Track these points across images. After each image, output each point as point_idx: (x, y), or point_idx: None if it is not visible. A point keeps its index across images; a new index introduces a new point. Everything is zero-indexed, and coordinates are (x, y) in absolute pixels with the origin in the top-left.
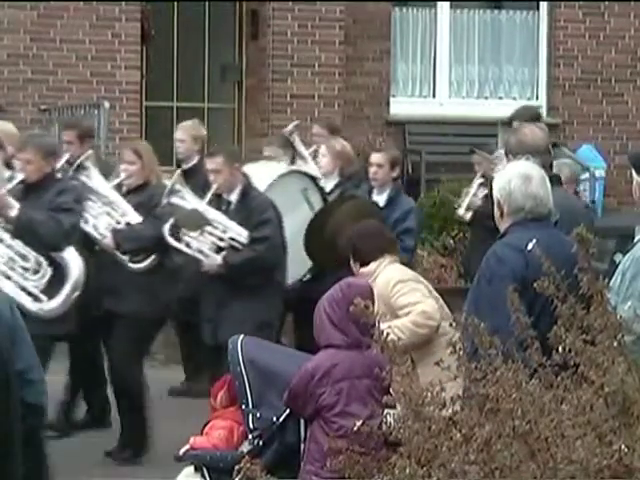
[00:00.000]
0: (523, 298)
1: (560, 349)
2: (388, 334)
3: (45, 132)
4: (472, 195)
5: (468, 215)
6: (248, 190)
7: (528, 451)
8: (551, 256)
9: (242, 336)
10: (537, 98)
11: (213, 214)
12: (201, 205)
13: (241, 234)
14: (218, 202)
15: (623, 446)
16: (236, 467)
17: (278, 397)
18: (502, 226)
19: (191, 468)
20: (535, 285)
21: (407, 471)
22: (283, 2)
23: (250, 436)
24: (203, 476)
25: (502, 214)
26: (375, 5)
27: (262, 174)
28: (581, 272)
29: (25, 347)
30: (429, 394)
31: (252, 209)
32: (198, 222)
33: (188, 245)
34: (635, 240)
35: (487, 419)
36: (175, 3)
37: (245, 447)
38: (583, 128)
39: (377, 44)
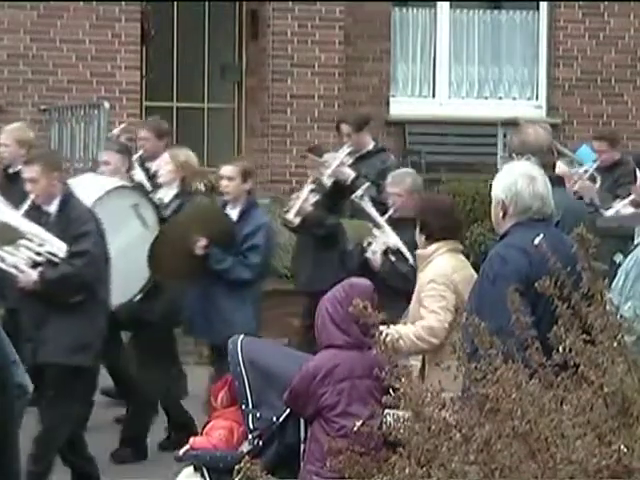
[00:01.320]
0: (526, 298)
1: (560, 349)
2: (387, 335)
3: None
4: (303, 200)
5: (297, 220)
6: (68, 200)
7: (528, 451)
8: (554, 256)
9: (242, 336)
10: (537, 98)
11: (28, 226)
12: (16, 217)
13: (60, 248)
14: (38, 213)
15: (622, 446)
16: (236, 467)
17: (278, 397)
18: (503, 227)
19: (191, 468)
20: (536, 285)
21: (407, 471)
22: (283, 2)
23: (250, 436)
24: (203, 476)
25: (505, 215)
26: (375, 5)
27: (89, 189)
28: (581, 272)
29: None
30: (429, 394)
31: (71, 221)
32: (10, 235)
33: (3, 260)
34: (637, 241)
35: (487, 419)
36: (175, 3)
37: (245, 447)
38: (583, 128)
39: (377, 44)
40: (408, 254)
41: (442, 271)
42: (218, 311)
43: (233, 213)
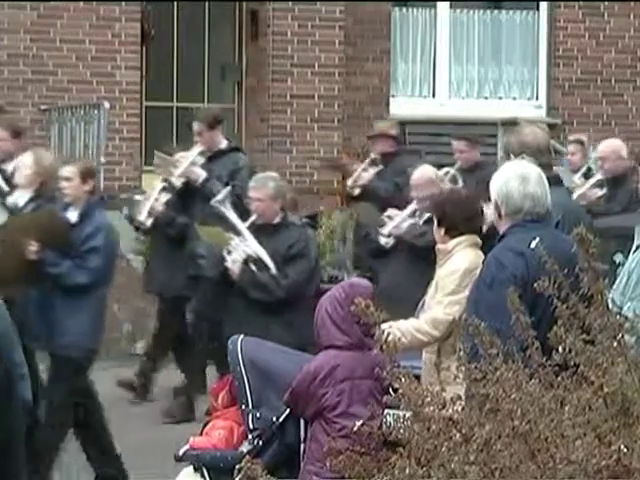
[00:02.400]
0: (524, 301)
1: (560, 349)
2: (389, 334)
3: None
4: (154, 200)
5: (149, 222)
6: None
7: (528, 451)
8: (552, 256)
9: (242, 336)
10: (537, 98)
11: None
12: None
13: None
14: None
15: (622, 446)
16: (236, 467)
17: (278, 397)
18: (500, 228)
19: (191, 468)
20: (535, 285)
21: (407, 471)
22: (283, 2)
23: (250, 436)
24: (203, 476)
25: (500, 216)
26: (375, 5)
27: None
28: (582, 272)
29: (17, 345)
30: (429, 394)
31: None
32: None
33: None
34: (638, 241)
35: (487, 419)
36: (175, 3)
37: (245, 447)
38: (583, 128)
39: (377, 44)
40: (270, 263)
41: (461, 266)
42: (55, 319)
43: (73, 215)
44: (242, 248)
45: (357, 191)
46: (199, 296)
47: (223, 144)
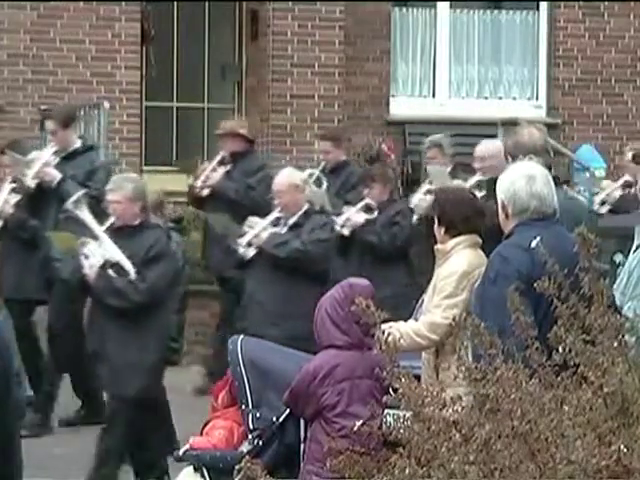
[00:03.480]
0: (529, 297)
1: (560, 349)
2: (389, 334)
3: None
4: (3, 201)
5: None
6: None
7: (528, 451)
8: (556, 254)
9: (242, 336)
10: (537, 98)
11: None
12: None
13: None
14: None
15: (622, 446)
16: (236, 467)
17: (278, 397)
18: (507, 227)
19: (191, 468)
20: (535, 285)
21: (407, 471)
22: (283, 2)
23: (250, 436)
24: (203, 476)
25: (507, 215)
26: (375, 5)
27: None
28: (582, 272)
29: (15, 352)
30: (429, 394)
31: None
32: None
33: None
34: (638, 241)
35: (487, 419)
36: (175, 3)
37: (245, 447)
38: (583, 128)
39: (377, 44)
40: (129, 267)
41: (459, 268)
42: None
43: None
44: (99, 252)
45: (206, 192)
46: (54, 301)
47: (77, 143)
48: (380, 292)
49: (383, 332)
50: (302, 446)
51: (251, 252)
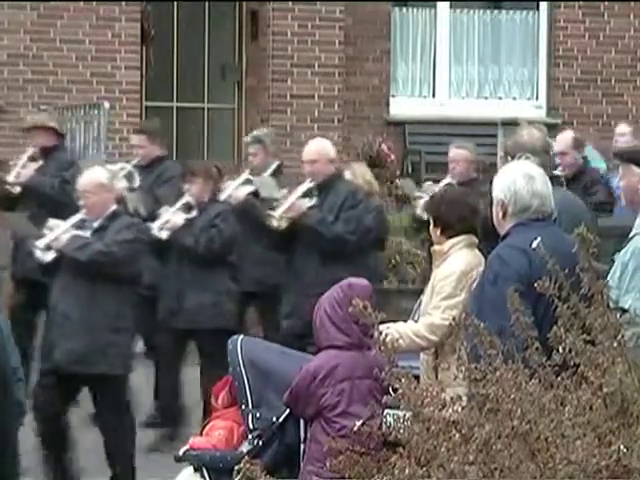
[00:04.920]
0: (527, 298)
1: (560, 349)
2: (387, 335)
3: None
4: None
5: None
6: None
7: (528, 451)
8: (555, 255)
9: (242, 336)
10: (537, 98)
11: None
12: None
13: None
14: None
15: (622, 446)
16: (236, 467)
17: (278, 397)
18: (504, 227)
19: (191, 468)
20: (535, 285)
21: (407, 471)
22: (283, 2)
23: (250, 436)
24: (203, 476)
25: (505, 215)
26: (375, 5)
27: None
28: (582, 272)
29: (14, 348)
30: (428, 395)
31: None
32: None
33: None
34: (633, 232)
35: (487, 419)
36: (175, 3)
37: (245, 447)
38: (583, 128)
39: (377, 44)
40: None
41: (457, 268)
42: None
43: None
44: None
45: (18, 189)
46: None
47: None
48: (198, 298)
49: (380, 333)
50: (302, 446)
51: (49, 256)
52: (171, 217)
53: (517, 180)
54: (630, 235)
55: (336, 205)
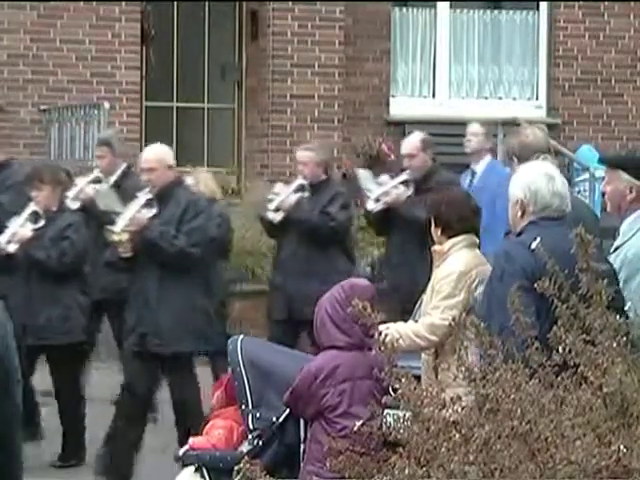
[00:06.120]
0: (533, 295)
1: (560, 349)
2: (387, 335)
3: None
4: None
5: None
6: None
7: (527, 451)
8: (564, 254)
9: (242, 336)
10: (537, 98)
11: None
12: None
13: None
14: None
15: (622, 446)
16: (236, 467)
17: (278, 397)
18: (519, 226)
19: (191, 468)
20: (535, 285)
21: (407, 471)
22: (283, 2)
23: (250, 436)
24: (203, 476)
25: (523, 213)
26: (375, 5)
27: None
28: (581, 272)
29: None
30: (428, 395)
31: None
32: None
33: None
34: (620, 241)
35: (487, 419)
36: (175, 3)
37: (245, 447)
38: (583, 128)
39: (377, 44)
40: None
41: (457, 268)
42: None
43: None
44: None
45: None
46: None
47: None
48: (48, 312)
49: (380, 333)
50: (302, 446)
51: None
52: (18, 230)
53: (537, 180)
54: (617, 243)
55: (176, 215)
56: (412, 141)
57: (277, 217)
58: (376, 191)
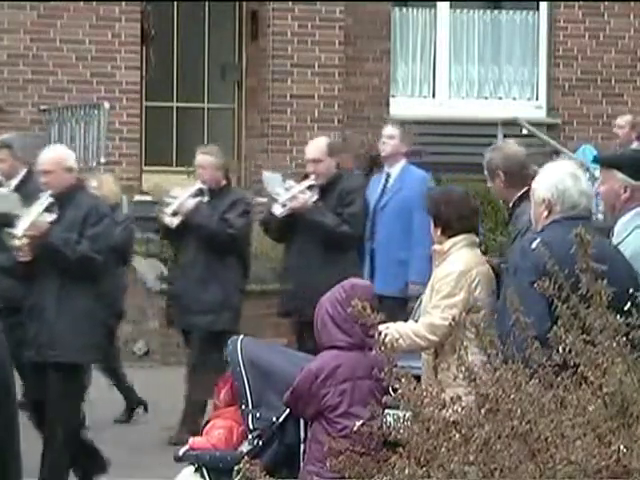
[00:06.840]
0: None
1: (560, 349)
2: (386, 335)
3: None
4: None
5: None
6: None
7: (527, 451)
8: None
9: (242, 336)
10: (537, 98)
11: None
12: None
13: None
14: None
15: (622, 446)
16: (236, 467)
17: (278, 397)
18: (542, 224)
19: (191, 468)
20: (535, 285)
21: (407, 471)
22: (283, 2)
23: (250, 436)
24: (203, 476)
25: (550, 213)
26: (375, 5)
27: None
28: (580, 272)
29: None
30: (428, 395)
31: None
32: None
33: None
34: (613, 241)
35: (487, 419)
36: (175, 3)
37: (245, 447)
38: (583, 128)
39: (377, 44)
40: None
41: (456, 267)
42: None
43: None
44: None
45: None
46: None
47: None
48: None
49: (380, 333)
50: (302, 446)
51: None
52: None
53: (564, 179)
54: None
55: (77, 220)
56: (318, 145)
57: (174, 221)
58: (284, 195)
